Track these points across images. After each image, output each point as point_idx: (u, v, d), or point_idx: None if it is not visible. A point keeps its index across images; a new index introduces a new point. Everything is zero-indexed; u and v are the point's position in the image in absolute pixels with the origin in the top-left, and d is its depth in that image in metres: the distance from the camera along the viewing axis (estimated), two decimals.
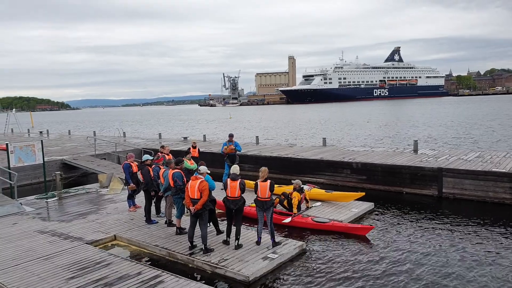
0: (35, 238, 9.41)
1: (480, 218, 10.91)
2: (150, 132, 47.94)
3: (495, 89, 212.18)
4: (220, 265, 7.71)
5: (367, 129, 40.65)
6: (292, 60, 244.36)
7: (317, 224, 10.13)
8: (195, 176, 8.27)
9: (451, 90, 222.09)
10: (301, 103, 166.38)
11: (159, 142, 25.35)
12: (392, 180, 14.25)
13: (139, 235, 9.48)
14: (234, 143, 14.12)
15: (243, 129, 47.61)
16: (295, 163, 16.92)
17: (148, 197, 10.37)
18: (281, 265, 8.01)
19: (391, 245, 9.13)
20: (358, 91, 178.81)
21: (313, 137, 33.86)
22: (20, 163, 14.35)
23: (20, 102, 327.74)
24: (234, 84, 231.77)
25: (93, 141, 23.16)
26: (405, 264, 8.05)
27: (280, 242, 8.69)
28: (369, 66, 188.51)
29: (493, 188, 12.23)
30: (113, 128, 54.17)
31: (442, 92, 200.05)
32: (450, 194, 13.02)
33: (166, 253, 8.58)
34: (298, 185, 11.02)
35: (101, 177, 15.08)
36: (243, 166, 14.79)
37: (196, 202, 8.01)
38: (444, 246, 8.95)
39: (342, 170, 15.53)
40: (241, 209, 8.46)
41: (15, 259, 8.17)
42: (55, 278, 7.23)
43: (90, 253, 8.42)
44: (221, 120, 74.64)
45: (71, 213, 11.53)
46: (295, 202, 10.69)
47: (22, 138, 33.33)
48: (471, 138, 29.40)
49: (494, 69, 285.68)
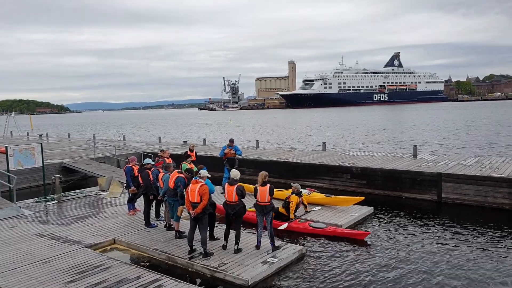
0: (34, 242, 9.37)
1: (479, 223, 10.91)
2: (149, 136, 47.98)
3: (494, 95, 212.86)
4: (219, 269, 7.69)
5: (366, 134, 40.69)
6: (292, 65, 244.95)
7: (314, 230, 10.11)
8: (195, 180, 8.26)
9: (450, 95, 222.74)
10: (301, 107, 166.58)
11: (159, 145, 25.35)
12: (391, 185, 14.25)
13: (138, 239, 9.46)
14: (234, 147, 14.12)
15: (243, 133, 47.63)
16: (294, 168, 16.92)
17: (147, 201, 10.36)
18: (280, 269, 7.99)
19: (390, 249, 9.11)
20: (358, 96, 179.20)
21: (313, 142, 33.88)
22: (20, 166, 14.33)
23: (20, 105, 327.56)
24: (234, 88, 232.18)
25: (92, 145, 23.15)
26: (404, 269, 8.03)
27: (280, 247, 8.67)
28: (369, 71, 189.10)
29: (492, 193, 12.23)
30: (113, 131, 54.20)
31: (441, 98, 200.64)
32: (449, 199, 13.02)
33: (165, 257, 8.56)
34: (297, 189, 10.98)
35: (101, 181, 15.07)
36: (243, 170, 14.76)
37: (196, 206, 8.00)
38: (443, 252, 8.93)
39: (342, 175, 15.53)
40: (239, 214, 8.43)
41: (14, 262, 8.14)
42: (53, 281, 7.20)
43: (89, 256, 8.40)
44: (221, 124, 74.70)
45: (70, 217, 11.50)
46: (292, 207, 10.63)
47: (22, 141, 33.33)
48: (470, 143, 29.43)
49: (493, 75, 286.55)
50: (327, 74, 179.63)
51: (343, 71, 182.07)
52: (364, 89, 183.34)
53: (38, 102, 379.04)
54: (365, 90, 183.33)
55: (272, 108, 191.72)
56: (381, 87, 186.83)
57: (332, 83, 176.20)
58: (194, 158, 13.66)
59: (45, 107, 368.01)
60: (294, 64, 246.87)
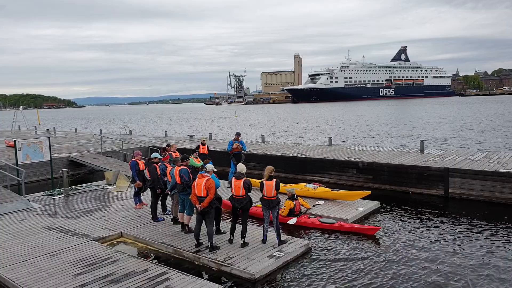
0: (43, 235, 9.49)
1: (487, 218, 10.85)
2: (156, 130, 48.14)
3: (502, 89, 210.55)
4: (226, 263, 7.74)
5: (373, 128, 40.52)
6: (298, 59, 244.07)
7: (324, 225, 10.11)
8: (202, 174, 8.30)
9: (458, 90, 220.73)
10: (306, 102, 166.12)
11: (165, 140, 25.44)
12: (398, 180, 14.20)
13: (145, 233, 9.53)
14: (240, 141, 14.14)
15: (249, 128, 47.62)
16: (300, 162, 16.91)
17: (154, 195, 10.42)
18: (287, 263, 8.02)
19: (397, 244, 9.10)
20: (364, 91, 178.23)
21: (319, 136, 33.80)
22: (28, 160, 14.46)
23: (27, 100, 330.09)
24: (240, 82, 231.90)
25: (99, 139, 23.28)
26: (412, 264, 8.02)
27: (286, 241, 8.70)
28: (376, 65, 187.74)
29: (500, 188, 12.15)
30: (119, 126, 54.42)
31: (449, 92, 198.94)
32: (456, 194, 12.96)
33: (172, 250, 8.62)
34: (291, 193, 10.79)
35: (108, 175, 15.18)
36: (249, 165, 14.79)
37: (203, 200, 8.04)
38: (452, 247, 8.90)
39: (348, 170, 15.50)
40: (246, 208, 8.46)
41: (23, 255, 8.25)
42: (62, 274, 7.29)
43: (97, 249, 8.48)
44: (226, 118, 74.72)
45: (78, 210, 11.61)
46: (284, 212, 10.43)
47: (30, 135, 33.60)
48: (478, 138, 29.21)
49: (501, 69, 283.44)
50: (333, 68, 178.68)
51: (350, 66, 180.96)
52: (370, 83, 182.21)
53: (45, 97, 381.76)
54: (372, 85, 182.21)
55: (277, 103, 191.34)
56: (388, 81, 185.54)
57: (338, 78, 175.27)
58: (206, 152, 13.80)
59: (52, 102, 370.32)
60: (300, 58, 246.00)
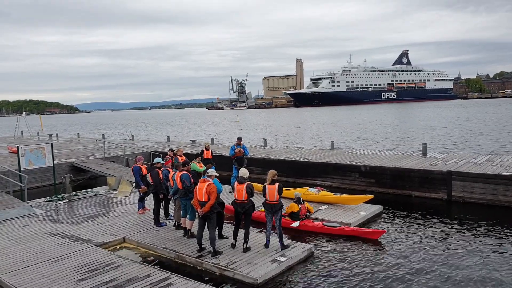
0: (45, 240, 9.49)
1: (490, 221, 10.79)
2: (158, 135, 48.21)
3: (504, 92, 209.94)
4: (228, 268, 7.72)
5: (375, 132, 40.46)
6: (299, 63, 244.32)
7: (328, 229, 10.09)
8: (204, 179, 8.30)
9: (460, 93, 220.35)
10: (308, 106, 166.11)
11: (168, 145, 25.46)
12: (401, 184, 14.16)
13: (148, 238, 9.52)
14: (242, 146, 14.14)
15: (251, 132, 47.64)
16: (303, 166, 16.89)
17: (156, 200, 10.43)
18: (289, 268, 8.00)
19: (401, 248, 9.06)
20: (366, 94, 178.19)
21: (321, 140, 33.78)
22: (31, 166, 14.51)
23: (30, 106, 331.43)
24: (242, 87, 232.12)
25: (101, 144, 23.33)
26: (415, 268, 7.98)
27: (289, 245, 8.67)
28: (377, 69, 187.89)
29: (503, 191, 12.09)
30: (122, 131, 54.54)
31: (451, 95, 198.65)
32: (459, 197, 12.91)
33: (175, 255, 8.60)
34: (297, 196, 10.89)
35: (110, 180, 15.18)
36: (251, 169, 14.77)
37: (204, 204, 8.04)
38: (455, 251, 8.86)
39: (351, 174, 15.47)
40: (249, 212, 8.46)
41: (26, 261, 8.25)
42: (65, 280, 7.28)
43: (99, 255, 8.48)
44: (229, 123, 74.79)
45: (80, 216, 11.61)
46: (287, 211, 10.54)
47: (32, 141, 33.70)
48: (480, 141, 29.12)
49: (503, 72, 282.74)
50: (335, 72, 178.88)
51: (351, 69, 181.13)
52: (372, 87, 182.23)
53: (48, 103, 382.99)
54: (374, 89, 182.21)
55: (279, 107, 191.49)
56: (390, 85, 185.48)
57: (340, 82, 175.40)
58: (210, 157, 13.85)
59: (54, 108, 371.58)
60: (302, 62, 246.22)
